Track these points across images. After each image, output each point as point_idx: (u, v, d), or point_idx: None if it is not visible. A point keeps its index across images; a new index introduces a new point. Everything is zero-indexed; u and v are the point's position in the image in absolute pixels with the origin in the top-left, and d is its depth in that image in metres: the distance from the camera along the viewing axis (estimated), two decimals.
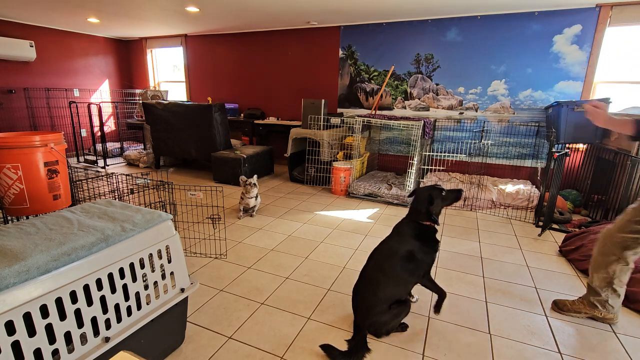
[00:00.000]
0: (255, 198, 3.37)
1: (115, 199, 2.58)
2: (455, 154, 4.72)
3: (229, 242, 2.82)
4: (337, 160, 4.48)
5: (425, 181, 4.14)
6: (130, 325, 1.32)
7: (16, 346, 1.00)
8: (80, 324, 1.16)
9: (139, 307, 1.37)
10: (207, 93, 6.53)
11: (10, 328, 0.98)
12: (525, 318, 1.94)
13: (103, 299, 1.24)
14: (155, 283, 1.45)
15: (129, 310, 1.33)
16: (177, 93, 6.98)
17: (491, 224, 3.42)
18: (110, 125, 6.88)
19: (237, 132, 5.98)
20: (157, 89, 6.64)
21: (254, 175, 3.38)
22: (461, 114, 4.63)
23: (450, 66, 4.57)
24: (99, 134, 6.16)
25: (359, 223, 3.33)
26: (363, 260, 2.57)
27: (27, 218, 2.04)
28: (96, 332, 1.22)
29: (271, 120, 5.65)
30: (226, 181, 4.61)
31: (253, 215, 3.41)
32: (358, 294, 1.77)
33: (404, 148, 5.05)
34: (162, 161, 5.56)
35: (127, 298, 1.32)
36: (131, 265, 1.33)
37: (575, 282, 2.34)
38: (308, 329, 1.81)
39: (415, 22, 4.64)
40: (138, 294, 1.37)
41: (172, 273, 1.53)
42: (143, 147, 6.23)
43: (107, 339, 1.23)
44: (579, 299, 1.98)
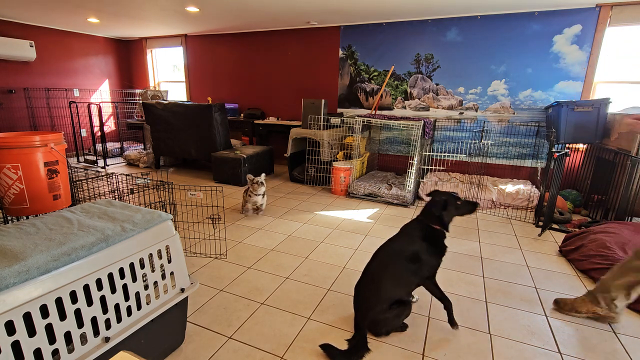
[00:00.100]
0: (262, 196, 3.39)
1: (115, 199, 2.58)
2: (455, 154, 4.72)
3: (229, 242, 2.82)
4: (337, 160, 4.48)
5: (425, 181, 4.14)
6: (130, 325, 1.32)
7: (16, 346, 1.00)
8: (80, 324, 1.16)
9: (139, 307, 1.37)
10: (207, 93, 6.53)
11: (10, 328, 0.98)
12: (525, 318, 1.94)
13: (103, 299, 1.24)
14: (155, 283, 1.45)
15: (129, 310, 1.33)
16: (177, 93, 6.98)
17: (491, 224, 3.42)
18: (110, 125, 6.89)
19: (237, 132, 5.98)
20: (157, 89, 6.64)
21: (262, 174, 3.40)
22: (461, 114, 4.63)
23: (450, 66, 4.57)
24: (99, 134, 6.16)
25: (359, 223, 3.33)
26: (363, 260, 2.58)
27: (27, 218, 2.04)
28: (96, 332, 1.22)
29: (271, 120, 5.65)
30: (226, 181, 4.61)
31: (259, 214, 3.46)
32: (360, 292, 1.77)
33: (404, 148, 5.05)
34: (162, 161, 5.56)
35: (127, 298, 1.32)
36: (131, 265, 1.33)
37: (575, 282, 2.34)
38: (308, 329, 1.81)
39: (415, 22, 4.64)
40: (138, 294, 1.37)
41: (172, 273, 1.53)
42: (143, 147, 6.23)
43: (107, 339, 1.23)
44: (581, 296, 1.98)
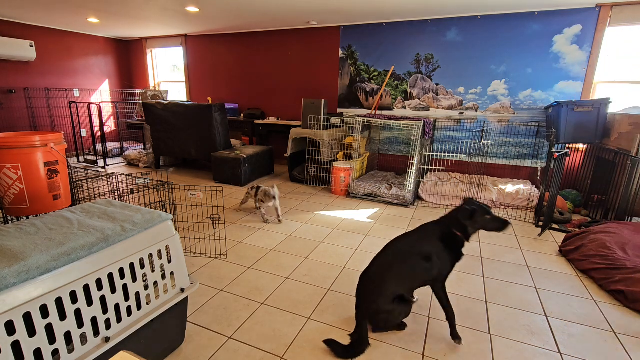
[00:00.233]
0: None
1: (115, 199, 2.58)
2: (455, 154, 4.72)
3: (229, 242, 2.82)
4: (337, 160, 4.48)
5: (425, 181, 4.14)
6: (130, 325, 1.32)
7: (16, 346, 1.00)
8: (80, 324, 1.16)
9: (139, 307, 1.37)
10: (207, 93, 6.53)
11: (10, 328, 0.98)
12: (525, 318, 1.94)
13: (103, 299, 1.24)
14: (155, 283, 1.45)
15: (129, 310, 1.33)
16: (177, 93, 6.98)
17: None
18: (110, 125, 6.89)
19: (237, 132, 5.98)
20: (157, 89, 6.64)
21: (275, 186, 3.25)
22: (461, 114, 4.63)
23: (450, 66, 4.57)
24: (99, 134, 6.16)
25: (359, 223, 3.33)
26: (363, 260, 2.57)
27: (27, 218, 2.04)
28: (96, 332, 1.22)
29: (271, 120, 5.65)
30: (226, 181, 4.61)
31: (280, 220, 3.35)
32: (365, 281, 1.75)
33: (404, 148, 5.05)
34: (162, 161, 5.56)
35: (127, 298, 1.32)
36: (131, 265, 1.33)
37: (576, 282, 2.34)
38: (308, 329, 1.81)
39: (415, 22, 4.64)
40: (138, 294, 1.37)
41: (172, 273, 1.53)
42: (143, 147, 6.23)
43: (107, 339, 1.23)
44: None
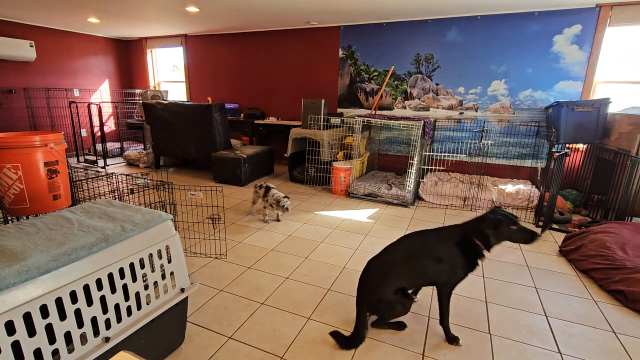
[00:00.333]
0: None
1: (115, 199, 2.58)
2: (455, 154, 4.72)
3: (229, 242, 2.82)
4: (337, 160, 4.48)
5: (425, 181, 4.14)
6: (130, 325, 1.32)
7: (16, 346, 1.00)
8: (80, 324, 1.16)
9: (139, 307, 1.37)
10: (207, 93, 6.53)
11: (10, 328, 0.98)
12: (525, 318, 1.94)
13: (103, 299, 1.24)
14: (155, 283, 1.45)
15: (129, 310, 1.33)
16: (177, 93, 6.98)
17: None
18: (110, 125, 6.88)
19: (237, 132, 5.98)
20: (157, 89, 6.64)
21: (287, 200, 3.20)
22: (461, 114, 4.63)
23: (450, 66, 4.57)
24: (99, 134, 6.16)
25: (359, 223, 3.33)
26: (363, 260, 2.57)
27: (27, 218, 2.04)
28: (96, 332, 1.22)
29: (271, 120, 5.65)
30: (226, 181, 4.61)
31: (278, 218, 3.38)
32: (372, 266, 1.74)
33: (404, 148, 5.05)
34: (162, 161, 5.56)
35: (127, 298, 1.32)
36: (131, 265, 1.33)
37: (575, 282, 2.34)
38: (308, 329, 1.81)
39: (415, 22, 4.64)
40: (138, 294, 1.37)
41: (172, 273, 1.53)
42: (143, 147, 6.23)
43: (107, 339, 1.23)
44: None
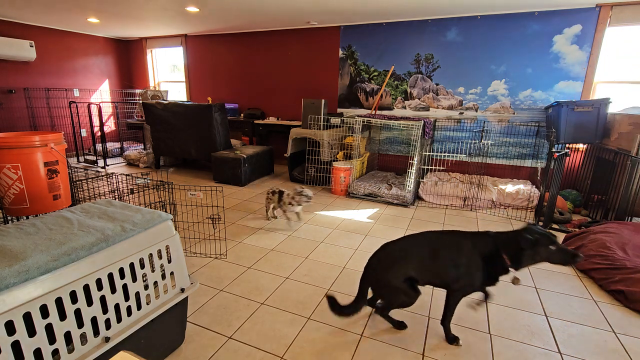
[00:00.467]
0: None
1: (115, 199, 2.58)
2: (455, 154, 4.72)
3: (229, 242, 2.82)
4: (337, 160, 4.48)
5: (425, 181, 4.14)
6: (130, 325, 1.32)
7: (16, 346, 1.00)
8: (80, 324, 1.16)
9: (139, 307, 1.37)
10: (207, 93, 6.53)
11: (10, 328, 0.98)
12: (525, 318, 1.94)
13: (103, 299, 1.24)
14: (155, 283, 1.45)
15: (129, 310, 1.33)
16: (177, 93, 6.98)
17: (491, 224, 3.42)
18: (110, 125, 6.89)
19: (237, 132, 5.98)
20: (157, 89, 6.64)
21: (306, 190, 3.13)
22: (461, 114, 4.63)
23: (450, 66, 4.57)
24: (99, 134, 6.16)
25: (359, 223, 3.33)
26: (363, 260, 2.57)
27: (27, 218, 2.04)
28: (96, 332, 1.22)
29: (271, 120, 5.65)
30: (226, 181, 4.61)
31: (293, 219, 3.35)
32: (387, 249, 1.71)
33: (404, 148, 5.05)
34: (162, 161, 5.56)
35: (127, 298, 1.32)
36: (131, 265, 1.33)
37: (575, 282, 2.34)
38: (308, 329, 1.81)
39: (415, 22, 4.64)
40: (138, 294, 1.37)
41: (172, 273, 1.53)
42: (143, 147, 6.23)
43: (107, 339, 1.23)
44: None
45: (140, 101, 6.06)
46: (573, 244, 2.69)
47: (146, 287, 1.40)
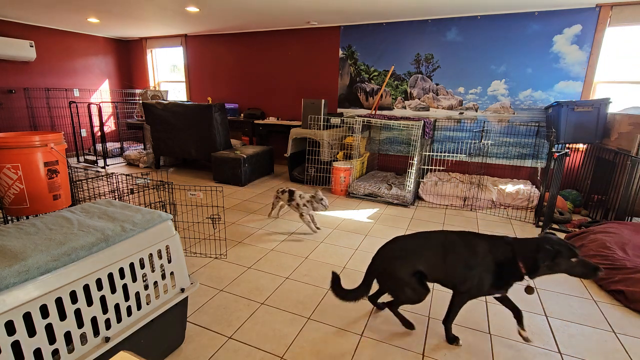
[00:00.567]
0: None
1: (115, 199, 2.58)
2: (455, 154, 4.72)
3: (229, 242, 2.82)
4: (337, 160, 4.48)
5: (425, 181, 4.14)
6: (130, 325, 1.32)
7: (16, 346, 1.00)
8: (80, 324, 1.16)
9: (139, 307, 1.37)
10: (207, 93, 6.53)
11: (10, 328, 0.98)
12: (525, 318, 1.93)
13: (103, 299, 1.24)
14: (155, 283, 1.45)
15: (129, 310, 1.33)
16: (177, 93, 6.98)
17: (491, 223, 3.42)
18: (110, 125, 6.89)
19: (237, 132, 5.98)
20: (157, 89, 6.64)
21: (319, 193, 3.01)
22: (461, 114, 4.63)
23: (450, 66, 4.57)
24: (99, 134, 6.16)
25: (359, 223, 3.33)
26: (363, 260, 2.57)
27: (27, 218, 2.04)
28: (96, 332, 1.22)
29: (271, 120, 5.65)
30: (226, 181, 4.61)
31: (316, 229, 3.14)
32: (399, 242, 1.69)
33: (404, 148, 5.05)
34: (162, 161, 5.56)
35: (127, 298, 1.32)
36: (131, 265, 1.33)
37: (575, 282, 2.34)
38: (308, 329, 1.81)
39: (415, 22, 4.64)
40: (138, 294, 1.37)
41: (172, 273, 1.53)
42: (143, 147, 6.23)
43: (107, 339, 1.23)
44: None
45: (140, 101, 6.06)
46: (573, 244, 2.69)
47: (146, 287, 1.40)
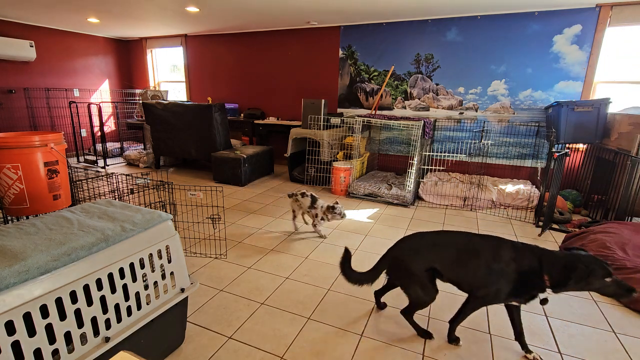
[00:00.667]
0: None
1: (115, 199, 2.58)
2: (455, 154, 4.72)
3: (229, 242, 2.82)
4: (337, 160, 4.48)
5: (425, 181, 4.14)
6: (130, 325, 1.32)
7: (16, 346, 1.00)
8: (80, 324, 1.16)
9: (139, 307, 1.37)
10: (207, 93, 6.53)
11: (10, 328, 0.98)
12: (525, 318, 1.94)
13: (103, 299, 1.24)
14: (155, 283, 1.45)
15: (129, 310, 1.33)
16: (177, 93, 6.98)
17: (491, 223, 3.42)
18: (110, 125, 6.88)
19: (237, 132, 5.98)
20: (157, 89, 6.64)
21: (338, 203, 2.88)
22: (461, 114, 4.63)
23: (450, 66, 4.57)
24: (99, 134, 6.16)
25: (359, 223, 3.33)
26: (363, 260, 2.57)
27: (27, 218, 2.04)
28: (96, 332, 1.22)
29: (271, 120, 5.65)
30: (226, 181, 4.61)
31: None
32: (417, 237, 1.65)
33: (404, 148, 5.05)
34: (162, 161, 5.56)
35: (127, 298, 1.32)
36: (131, 265, 1.33)
37: None
38: (308, 329, 1.81)
39: (415, 22, 4.64)
40: (138, 294, 1.36)
41: (172, 273, 1.53)
42: (143, 147, 6.23)
43: (107, 339, 1.23)
44: None
45: (140, 101, 6.06)
46: (573, 244, 2.69)
47: (146, 287, 1.40)
